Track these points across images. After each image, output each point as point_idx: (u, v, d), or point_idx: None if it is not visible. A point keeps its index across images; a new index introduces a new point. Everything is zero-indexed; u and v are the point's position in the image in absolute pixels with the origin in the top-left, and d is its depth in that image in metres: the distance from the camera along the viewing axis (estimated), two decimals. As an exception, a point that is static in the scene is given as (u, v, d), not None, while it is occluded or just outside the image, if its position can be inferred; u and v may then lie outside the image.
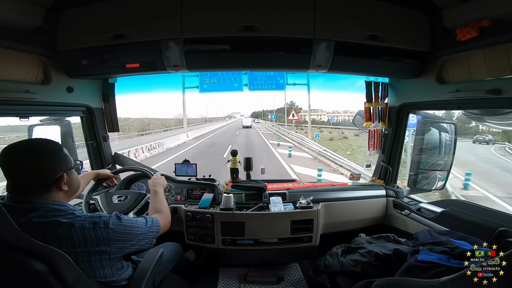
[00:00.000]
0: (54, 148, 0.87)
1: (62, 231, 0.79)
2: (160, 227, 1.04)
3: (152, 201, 1.26)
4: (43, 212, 0.80)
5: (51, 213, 0.81)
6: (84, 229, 0.82)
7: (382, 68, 1.65)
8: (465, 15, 1.22)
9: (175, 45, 1.40)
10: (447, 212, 1.54)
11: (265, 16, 1.36)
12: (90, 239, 0.82)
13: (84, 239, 0.81)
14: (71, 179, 0.91)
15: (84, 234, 0.81)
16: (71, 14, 1.41)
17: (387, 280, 0.99)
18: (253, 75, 6.75)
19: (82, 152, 2.04)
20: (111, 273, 0.91)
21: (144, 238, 0.97)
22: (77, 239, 0.80)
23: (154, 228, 1.02)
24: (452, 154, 1.80)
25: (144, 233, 0.97)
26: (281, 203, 1.75)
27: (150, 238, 1.00)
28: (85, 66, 1.52)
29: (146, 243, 0.98)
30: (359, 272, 1.36)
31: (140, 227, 0.96)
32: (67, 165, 0.89)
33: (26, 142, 0.90)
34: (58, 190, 0.86)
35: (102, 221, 0.86)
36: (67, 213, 0.84)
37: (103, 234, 0.84)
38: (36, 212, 0.80)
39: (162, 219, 1.10)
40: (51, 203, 0.83)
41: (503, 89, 1.23)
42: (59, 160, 0.86)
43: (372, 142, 2.04)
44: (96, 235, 0.83)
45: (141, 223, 0.98)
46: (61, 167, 0.86)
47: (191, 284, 1.81)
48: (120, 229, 0.89)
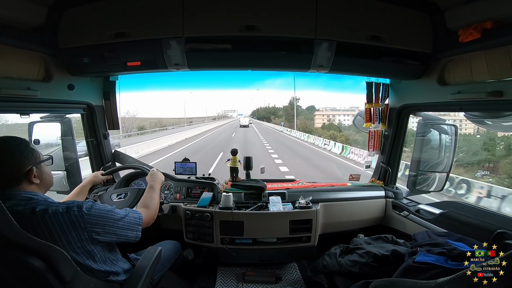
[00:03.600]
0: (19, 143, 0.90)
1: (36, 218, 0.81)
2: (143, 219, 1.05)
3: (145, 195, 1.26)
4: (16, 201, 0.83)
5: (24, 201, 0.84)
6: (58, 214, 0.84)
7: (383, 69, 1.64)
8: (467, 17, 1.21)
9: (176, 44, 1.40)
10: (446, 214, 1.54)
11: (267, 16, 1.36)
12: (65, 223, 0.84)
13: (58, 224, 0.83)
14: (42, 172, 0.94)
15: (58, 218, 0.83)
16: (73, 13, 1.41)
17: (385, 281, 0.99)
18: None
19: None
20: (105, 265, 0.92)
21: (127, 227, 0.97)
22: (52, 225, 0.82)
23: (134, 216, 1.02)
24: (452, 155, 1.80)
25: (123, 219, 0.97)
26: (280, 202, 1.75)
27: (135, 229, 1.00)
28: (86, 64, 1.52)
29: (131, 233, 0.99)
30: (357, 272, 1.36)
31: (117, 213, 0.97)
32: (35, 158, 0.91)
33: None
34: (29, 183, 0.89)
35: (75, 205, 0.88)
36: (40, 201, 0.86)
37: (77, 217, 0.86)
38: (10, 201, 0.82)
39: (146, 213, 1.10)
40: (23, 192, 0.87)
41: (504, 91, 1.22)
42: (25, 154, 0.89)
43: (372, 143, 2.03)
44: (70, 218, 0.85)
45: (118, 210, 0.99)
46: (28, 161, 0.89)
47: (189, 283, 1.82)
48: (95, 212, 0.90)
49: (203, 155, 10.23)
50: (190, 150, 12.53)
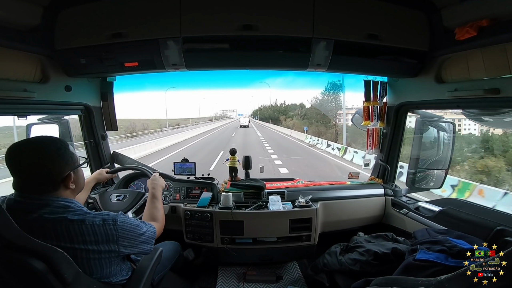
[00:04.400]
0: (60, 147, 0.85)
1: (73, 227, 0.80)
2: (156, 233, 1.06)
3: (149, 206, 1.25)
4: (53, 208, 0.81)
5: (61, 209, 0.82)
6: (94, 226, 0.83)
7: (381, 67, 1.65)
8: (464, 15, 1.22)
9: (173, 44, 1.40)
10: (445, 211, 1.54)
11: (264, 15, 1.36)
12: (100, 235, 0.83)
13: (94, 235, 0.82)
14: (78, 177, 0.91)
15: (95, 230, 0.83)
16: (69, 13, 1.40)
17: (385, 279, 1.00)
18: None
19: (81, 152, 2.00)
20: (115, 272, 0.92)
21: (145, 241, 0.98)
22: (88, 235, 0.82)
23: (151, 231, 1.03)
24: (450, 153, 1.81)
25: (144, 234, 0.98)
26: (280, 202, 1.75)
27: (150, 242, 1.02)
28: (83, 65, 1.51)
29: (147, 246, 1.00)
30: (357, 270, 1.37)
31: (141, 227, 0.98)
32: (73, 163, 0.88)
33: (30, 141, 0.88)
34: (65, 188, 0.86)
35: (110, 218, 0.87)
36: (76, 210, 0.84)
37: (112, 231, 0.86)
38: (47, 208, 0.81)
39: (157, 227, 1.12)
40: (60, 199, 0.84)
41: (501, 88, 1.23)
42: (66, 160, 0.85)
43: (370, 141, 2.04)
44: (105, 231, 0.84)
45: (142, 224, 1.00)
46: (68, 166, 0.86)
47: (190, 283, 1.82)
48: (126, 226, 0.90)
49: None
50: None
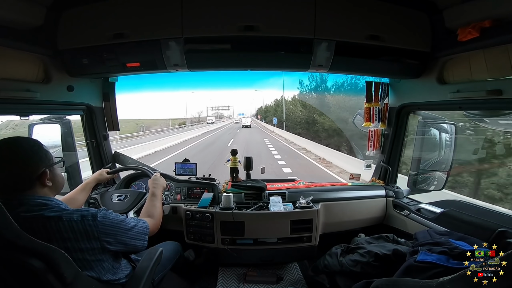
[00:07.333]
0: (33, 145, 0.88)
1: (50, 225, 0.80)
2: (149, 229, 1.06)
3: (148, 204, 1.26)
4: (29, 207, 0.81)
5: (37, 207, 0.82)
6: (72, 222, 0.82)
7: (383, 68, 1.64)
8: (466, 16, 1.22)
9: (175, 45, 1.40)
10: (447, 213, 1.53)
11: (266, 16, 1.36)
12: (79, 232, 0.83)
13: (72, 232, 0.82)
14: (54, 175, 0.92)
15: (72, 227, 0.82)
16: (72, 13, 1.41)
17: (386, 280, 0.99)
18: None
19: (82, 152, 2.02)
20: (107, 270, 0.92)
21: (136, 237, 0.97)
22: (65, 232, 0.81)
23: (142, 226, 1.02)
24: (452, 154, 1.80)
25: (133, 229, 0.97)
26: (280, 202, 1.75)
27: (142, 238, 1.01)
28: (85, 65, 1.52)
29: (139, 242, 0.99)
30: (358, 272, 1.36)
31: (128, 223, 0.97)
32: (48, 160, 0.89)
33: (4, 142, 0.87)
34: (42, 186, 0.87)
35: (89, 214, 0.86)
36: (53, 206, 0.84)
37: (92, 227, 0.85)
38: (23, 207, 0.81)
39: (152, 223, 1.11)
40: (37, 197, 0.84)
41: (504, 89, 1.22)
42: (39, 156, 0.87)
43: (371, 142, 2.04)
44: (84, 228, 0.83)
45: (129, 220, 0.99)
46: (42, 162, 0.87)
47: (190, 284, 1.82)
48: (108, 222, 0.89)
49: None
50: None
